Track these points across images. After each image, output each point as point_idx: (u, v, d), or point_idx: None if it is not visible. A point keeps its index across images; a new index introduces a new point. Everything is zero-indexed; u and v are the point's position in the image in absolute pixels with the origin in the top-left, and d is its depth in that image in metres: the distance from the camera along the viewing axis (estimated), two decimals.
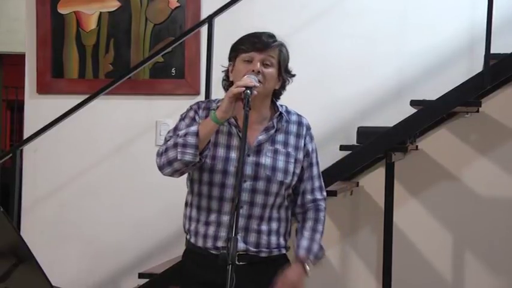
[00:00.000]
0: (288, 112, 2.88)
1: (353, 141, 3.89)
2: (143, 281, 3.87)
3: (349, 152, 3.75)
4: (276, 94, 2.88)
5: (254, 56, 2.77)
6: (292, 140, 2.83)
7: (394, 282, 3.77)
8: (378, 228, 3.93)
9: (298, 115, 2.90)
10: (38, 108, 4.59)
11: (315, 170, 2.89)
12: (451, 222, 4.24)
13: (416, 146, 4.20)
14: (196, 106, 2.89)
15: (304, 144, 2.85)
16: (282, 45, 2.84)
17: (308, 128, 2.89)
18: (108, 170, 4.57)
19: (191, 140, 2.68)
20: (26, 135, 4.38)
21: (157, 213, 4.49)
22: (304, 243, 2.84)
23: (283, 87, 2.88)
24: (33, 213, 4.61)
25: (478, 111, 4.10)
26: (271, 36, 2.82)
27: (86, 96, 4.11)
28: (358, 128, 3.91)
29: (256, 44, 2.77)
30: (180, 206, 4.46)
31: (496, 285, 4.20)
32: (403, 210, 4.18)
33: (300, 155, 2.84)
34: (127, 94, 4.52)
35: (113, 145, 4.58)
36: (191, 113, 2.86)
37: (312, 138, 2.90)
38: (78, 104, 4.06)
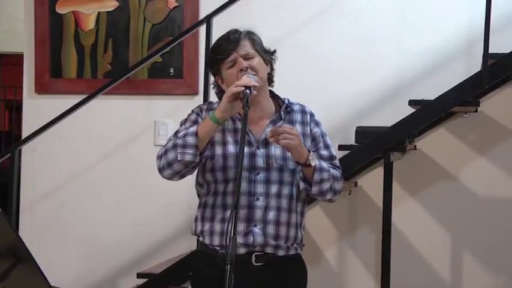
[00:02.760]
0: (291, 103, 2.90)
1: (351, 141, 3.89)
2: (142, 280, 3.87)
3: (348, 151, 3.75)
4: (269, 79, 2.89)
5: (235, 56, 2.78)
6: (298, 128, 2.84)
7: (392, 282, 3.77)
8: (377, 227, 3.93)
9: (301, 104, 2.93)
10: (37, 108, 4.59)
11: (324, 152, 2.87)
12: (449, 222, 4.25)
13: (415, 146, 4.20)
14: (198, 109, 2.91)
15: (310, 130, 2.87)
16: (249, 33, 2.86)
17: (312, 115, 2.91)
18: (107, 170, 4.57)
19: (190, 140, 2.69)
20: (24, 135, 4.37)
21: (156, 213, 4.49)
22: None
23: (271, 68, 2.89)
24: (31, 213, 4.61)
25: (476, 111, 4.10)
26: (236, 31, 2.84)
27: (84, 96, 4.10)
28: (357, 127, 3.92)
29: (228, 46, 2.79)
30: (179, 205, 4.49)
31: (495, 284, 4.20)
32: (402, 210, 4.18)
33: (308, 142, 2.85)
34: (125, 94, 4.52)
35: (112, 145, 4.58)
36: (193, 116, 2.88)
37: (317, 123, 2.91)
38: (76, 104, 4.06)
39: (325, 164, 2.78)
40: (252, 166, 2.75)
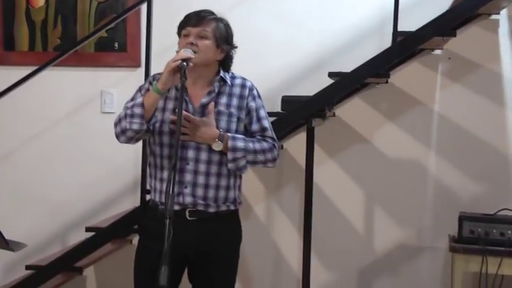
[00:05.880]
0: (234, 77, 2.89)
1: (278, 108, 3.91)
2: (90, 234, 3.85)
3: (275, 118, 3.77)
4: (224, 65, 2.88)
5: (190, 30, 2.79)
6: (235, 101, 2.84)
7: (314, 233, 3.82)
8: (300, 185, 3.97)
9: (243, 78, 2.92)
10: None
11: (255, 126, 2.87)
12: (363, 180, 4.31)
13: (334, 113, 4.24)
14: (152, 78, 2.91)
15: (247, 104, 2.86)
16: (218, 20, 2.85)
17: (251, 89, 2.90)
18: (58, 135, 4.52)
19: (137, 110, 2.71)
20: None
21: (103, 174, 4.47)
22: (236, 134, 2.80)
23: (229, 58, 2.88)
24: None
25: (387, 82, 4.16)
26: (209, 12, 2.83)
27: (35, 68, 4.02)
28: (283, 97, 3.92)
29: (191, 20, 2.80)
30: (124, 167, 4.48)
31: (401, 234, 4.29)
32: (322, 169, 4.23)
33: (243, 114, 2.85)
34: (74, 66, 4.46)
35: (62, 112, 4.52)
36: (146, 85, 2.90)
37: (254, 97, 2.89)
38: (28, 75, 3.98)
39: (240, 144, 2.77)
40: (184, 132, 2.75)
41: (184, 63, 2.65)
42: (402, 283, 4.29)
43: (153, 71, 3.71)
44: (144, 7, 4.01)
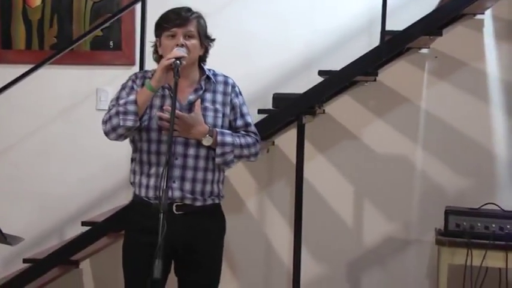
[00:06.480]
0: (215, 74, 2.92)
1: (269, 106, 3.93)
2: (86, 228, 3.85)
3: (266, 115, 3.78)
4: (202, 58, 2.90)
5: (176, 31, 2.79)
6: (219, 97, 2.86)
7: (304, 228, 3.84)
8: (291, 180, 3.98)
9: (225, 76, 2.94)
10: None
11: (240, 122, 2.90)
12: (352, 175, 4.33)
13: (324, 110, 4.25)
14: (134, 76, 2.91)
15: (230, 100, 2.89)
16: (199, 17, 2.86)
17: (233, 86, 2.93)
18: (55, 132, 4.52)
19: (130, 107, 2.71)
20: None
21: (98, 170, 4.47)
22: (223, 130, 2.83)
23: (206, 51, 2.90)
24: None
25: (375, 80, 4.17)
26: (189, 10, 2.84)
27: (32, 66, 4.02)
28: (274, 94, 3.94)
29: (176, 21, 2.80)
30: (119, 163, 4.48)
31: (389, 228, 4.32)
32: (312, 165, 4.23)
33: (227, 110, 2.87)
34: (70, 64, 4.46)
35: (59, 110, 4.53)
36: (129, 83, 2.89)
37: (237, 94, 2.92)
38: (25, 73, 3.99)
39: (229, 139, 2.81)
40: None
41: (178, 62, 2.67)
42: (390, 275, 4.32)
43: (148, 68, 3.73)
44: (138, 6, 4.03)
